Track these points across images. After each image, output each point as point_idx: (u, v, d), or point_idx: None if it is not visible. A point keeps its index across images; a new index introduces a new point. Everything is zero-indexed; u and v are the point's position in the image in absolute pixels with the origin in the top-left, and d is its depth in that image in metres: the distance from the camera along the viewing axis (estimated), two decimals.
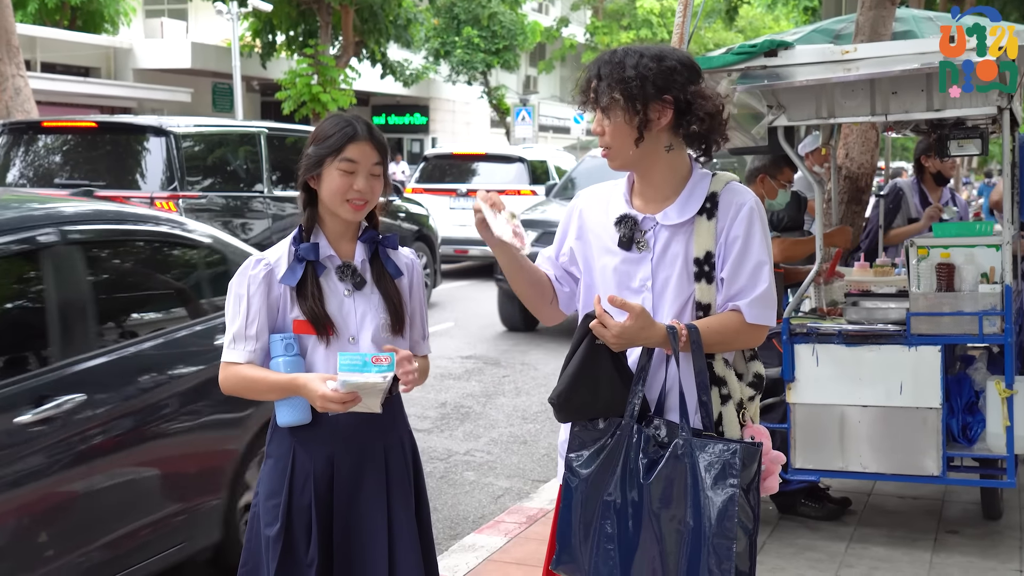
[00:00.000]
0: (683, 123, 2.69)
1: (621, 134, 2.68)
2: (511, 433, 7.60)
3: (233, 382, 2.92)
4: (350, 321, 2.91)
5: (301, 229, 2.95)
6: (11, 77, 15.46)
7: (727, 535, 2.50)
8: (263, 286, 2.89)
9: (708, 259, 2.68)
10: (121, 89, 26.11)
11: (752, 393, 2.80)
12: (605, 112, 2.68)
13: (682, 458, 2.56)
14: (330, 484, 2.91)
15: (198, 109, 27.88)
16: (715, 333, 2.66)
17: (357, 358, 2.70)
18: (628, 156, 2.70)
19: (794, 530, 5.22)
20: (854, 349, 4.87)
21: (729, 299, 2.69)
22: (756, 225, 2.70)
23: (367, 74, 29.79)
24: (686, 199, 2.71)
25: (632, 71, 2.64)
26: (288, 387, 2.82)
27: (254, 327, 2.88)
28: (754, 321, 2.67)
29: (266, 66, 28.10)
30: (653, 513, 2.57)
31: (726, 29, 37.88)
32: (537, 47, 39.90)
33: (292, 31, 27.63)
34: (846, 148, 7.40)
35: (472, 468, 6.74)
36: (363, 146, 2.88)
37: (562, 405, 2.71)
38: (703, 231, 2.69)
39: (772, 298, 2.69)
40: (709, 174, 2.76)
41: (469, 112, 40.86)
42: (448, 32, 33.23)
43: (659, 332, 2.62)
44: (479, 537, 5.13)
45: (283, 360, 2.86)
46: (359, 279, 2.93)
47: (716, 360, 2.71)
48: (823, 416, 4.91)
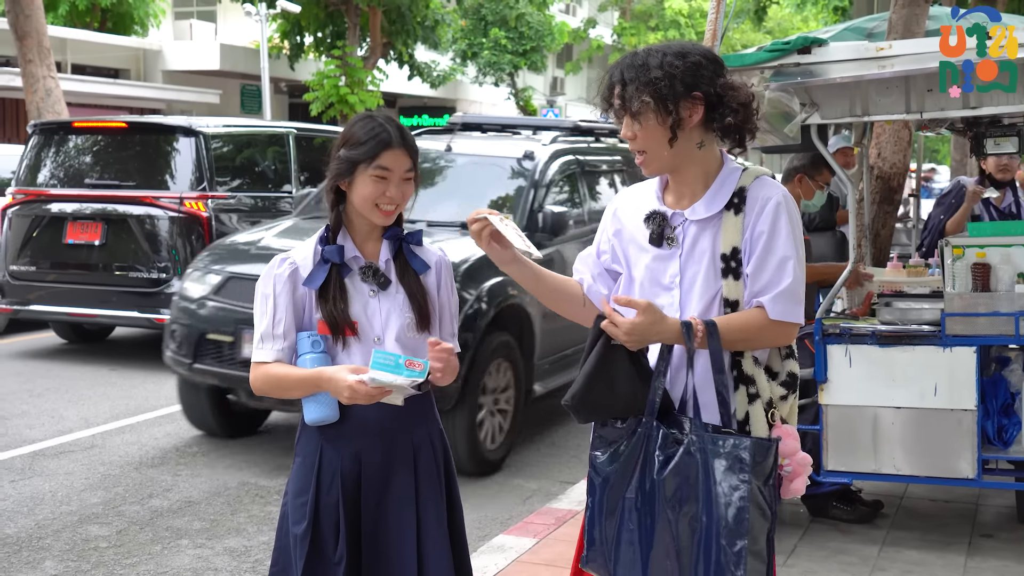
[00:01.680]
0: (715, 117, 2.65)
1: (654, 137, 2.64)
2: (539, 434, 7.56)
3: (262, 381, 2.90)
4: (375, 321, 2.90)
5: (328, 229, 2.93)
6: (42, 78, 15.61)
7: (739, 533, 2.47)
8: (288, 285, 2.88)
9: (735, 255, 2.63)
10: (150, 90, 26.27)
11: (783, 392, 2.73)
12: (635, 117, 2.62)
13: (694, 454, 2.54)
14: (358, 481, 2.89)
15: (226, 110, 28.01)
16: (736, 330, 2.60)
17: (391, 358, 2.69)
18: (663, 159, 2.66)
19: (826, 533, 5.16)
20: (887, 350, 4.81)
21: (754, 295, 2.63)
22: (783, 219, 2.63)
23: (394, 75, 29.83)
24: (714, 194, 2.67)
25: (659, 71, 2.60)
26: (314, 381, 2.80)
27: (281, 326, 2.87)
28: (778, 317, 2.60)
29: (294, 67, 28.20)
30: (667, 509, 2.56)
31: (755, 30, 37.71)
32: (564, 48, 39.86)
33: (320, 32, 27.72)
34: (878, 147, 7.32)
35: (500, 469, 6.70)
36: (397, 153, 2.86)
37: (577, 406, 2.68)
38: (730, 226, 2.64)
39: (798, 294, 2.61)
40: (739, 168, 2.72)
41: (496, 113, 40.85)
42: (475, 33, 33.25)
43: (672, 327, 2.58)
44: (508, 538, 5.10)
45: (310, 357, 2.85)
46: (383, 279, 2.91)
47: (745, 358, 2.66)
48: (856, 417, 4.86)
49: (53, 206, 9.64)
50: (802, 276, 2.64)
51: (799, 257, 2.64)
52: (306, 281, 2.87)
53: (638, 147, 2.66)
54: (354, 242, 2.93)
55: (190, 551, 5.16)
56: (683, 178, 2.71)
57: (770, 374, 2.72)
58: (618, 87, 2.64)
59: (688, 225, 2.67)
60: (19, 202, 9.85)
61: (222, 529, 5.18)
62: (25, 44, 15.40)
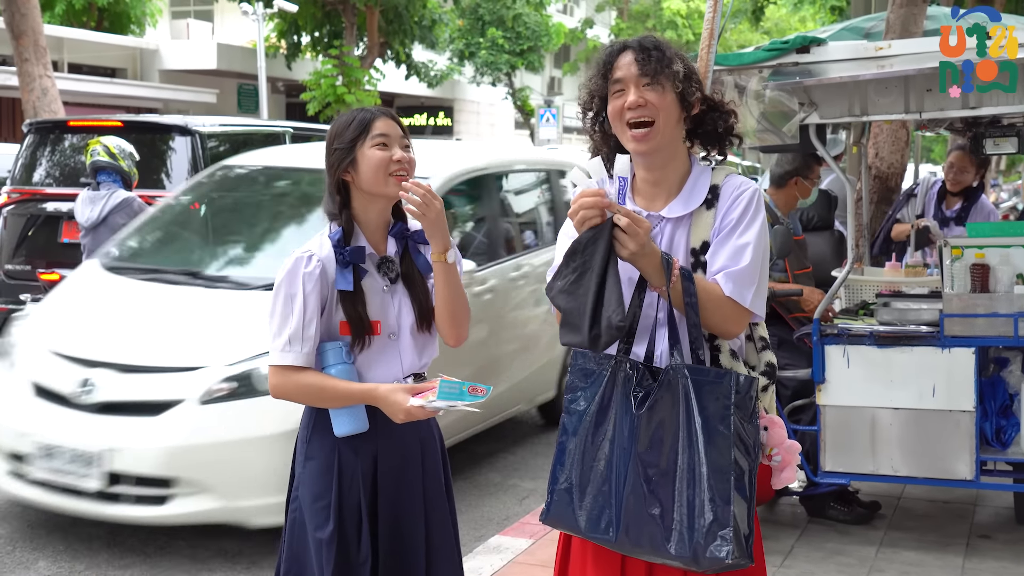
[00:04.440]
0: (709, 119, 2.66)
1: (668, 108, 2.57)
2: (536, 434, 7.54)
3: (292, 388, 2.85)
4: (390, 316, 2.90)
5: (342, 231, 2.90)
6: (38, 77, 15.54)
7: (725, 466, 2.38)
8: (318, 284, 2.84)
9: (704, 249, 2.60)
10: (147, 90, 26.20)
11: (765, 383, 2.72)
12: (654, 82, 2.55)
13: (674, 384, 2.43)
14: (374, 481, 2.89)
15: (224, 110, 27.94)
16: (703, 290, 2.51)
17: (456, 386, 2.68)
18: (666, 135, 2.59)
19: (823, 534, 5.14)
20: (886, 350, 4.79)
21: (711, 272, 2.57)
22: (751, 211, 2.58)
23: (392, 75, 29.78)
24: (691, 191, 2.63)
25: (671, 49, 2.62)
26: (366, 397, 2.80)
27: (312, 327, 2.83)
28: (730, 295, 2.51)
29: (291, 67, 28.13)
30: (646, 445, 2.43)
31: (752, 30, 37.70)
32: (562, 48, 39.83)
33: (317, 32, 27.64)
34: (876, 147, 7.31)
35: (496, 469, 6.69)
36: (386, 121, 2.88)
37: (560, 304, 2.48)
38: (702, 221, 2.60)
39: (752, 279, 2.53)
40: (709, 168, 2.69)
41: (494, 113, 40.81)
42: (473, 33, 33.19)
43: (656, 253, 2.47)
44: (504, 539, 5.08)
45: (338, 368, 2.83)
46: (395, 273, 2.92)
47: (723, 352, 2.61)
48: (854, 418, 4.83)
49: (48, 205, 9.59)
50: (760, 269, 2.56)
51: (761, 248, 2.57)
52: (338, 283, 2.84)
53: (648, 115, 2.55)
54: (367, 239, 2.92)
55: (185, 552, 5.14)
56: (663, 174, 2.64)
57: (749, 368, 2.69)
58: (634, 53, 2.58)
59: (665, 224, 2.62)
60: (14, 201, 9.81)
61: (217, 530, 5.15)
62: (21, 43, 15.33)
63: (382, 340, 2.88)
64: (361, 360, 2.88)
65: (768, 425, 2.63)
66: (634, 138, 2.59)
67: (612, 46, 2.69)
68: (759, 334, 2.76)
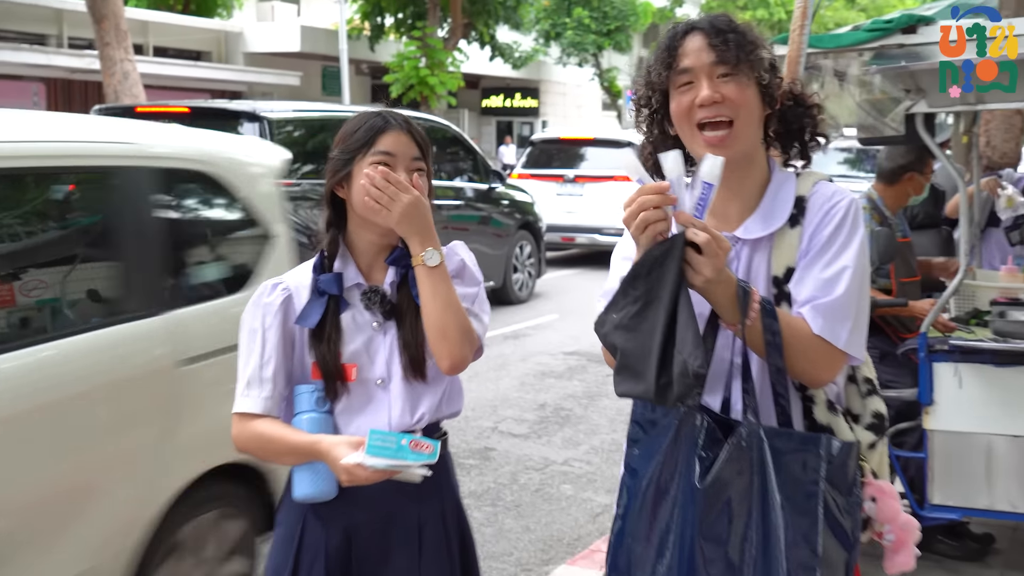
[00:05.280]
0: (792, 116, 2.21)
1: (750, 105, 2.12)
2: (613, 440, 7.10)
3: (247, 440, 2.41)
4: (378, 359, 2.40)
5: (323, 255, 2.45)
6: (119, 61, 15.48)
7: (809, 558, 1.88)
8: (280, 316, 2.40)
9: (789, 277, 2.11)
10: (231, 73, 26.20)
11: (872, 439, 2.20)
12: (734, 73, 2.10)
13: (747, 450, 1.93)
14: (347, 563, 2.40)
15: (308, 93, 27.88)
16: (786, 327, 2.03)
17: (391, 439, 2.17)
18: (748, 136, 2.14)
19: (929, 571, 4.62)
20: (1005, 369, 4.25)
21: (797, 304, 2.09)
22: (847, 226, 2.10)
23: (476, 56, 29.47)
24: (771, 205, 2.15)
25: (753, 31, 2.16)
26: (309, 451, 2.31)
27: (270, 367, 2.38)
28: (821, 333, 2.03)
29: (375, 49, 27.97)
30: (710, 532, 1.92)
31: (847, 8, 36.54)
32: (650, 28, 39.08)
33: (401, 13, 27.47)
34: (987, 135, 6.71)
35: (570, 480, 6.27)
36: (398, 136, 2.39)
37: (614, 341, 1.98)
38: (785, 243, 2.12)
39: (849, 312, 2.05)
40: (792, 174, 2.22)
41: (580, 95, 40.30)
42: (558, 13, 32.72)
43: (731, 281, 1.98)
44: (572, 570, 4.66)
45: (309, 417, 2.36)
46: (389, 306, 2.41)
47: (817, 403, 2.12)
48: (966, 446, 4.30)
49: None
50: (859, 300, 2.08)
51: (860, 274, 2.09)
52: (299, 318, 2.39)
53: (726, 113, 2.10)
54: (358, 267, 2.45)
55: None
56: (738, 186, 2.16)
57: (851, 418, 2.20)
58: (705, 36, 2.12)
59: (741, 247, 2.15)
60: None
61: None
62: (103, 27, 15.27)
63: (366, 387, 2.39)
64: (341, 410, 2.40)
65: (876, 495, 2.13)
66: (708, 142, 2.11)
67: (676, 28, 2.19)
68: (864, 375, 2.26)
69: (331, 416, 2.38)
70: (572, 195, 16.19)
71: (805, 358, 2.05)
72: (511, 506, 5.73)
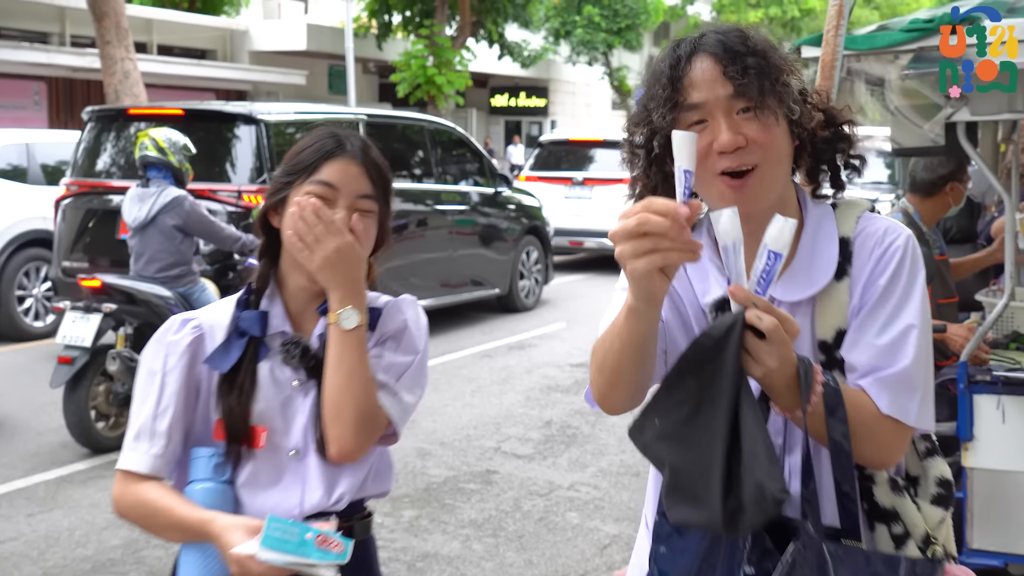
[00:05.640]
0: (826, 143, 1.83)
1: (779, 145, 1.75)
2: (622, 461, 6.74)
3: (128, 504, 2.00)
4: (295, 426, 2.01)
5: (250, 289, 2.08)
6: (120, 60, 15.17)
7: None
8: (185, 359, 2.01)
9: (839, 341, 1.75)
10: (236, 72, 25.89)
11: (941, 515, 1.82)
12: (759, 106, 1.72)
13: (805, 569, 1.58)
14: None
15: (314, 92, 27.58)
16: (850, 407, 1.67)
17: (293, 532, 1.78)
18: (777, 180, 1.77)
19: None
20: None
21: (855, 374, 1.74)
22: (905, 272, 1.75)
23: (485, 55, 29.15)
24: (809, 257, 1.78)
25: (776, 51, 1.77)
26: (199, 530, 1.90)
27: (166, 419, 1.99)
28: (891, 412, 1.69)
29: (382, 47, 27.66)
30: None
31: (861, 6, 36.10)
32: (661, 26, 38.73)
33: (408, 11, 27.16)
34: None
35: (576, 507, 5.90)
36: (347, 166, 2.01)
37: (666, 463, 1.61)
38: (833, 300, 1.76)
39: (917, 380, 1.71)
40: (829, 209, 1.84)
41: (590, 94, 39.93)
42: (568, 11, 32.37)
43: (792, 363, 1.60)
44: None
45: (204, 487, 1.96)
46: (313, 362, 2.01)
47: (878, 484, 1.76)
48: (1009, 486, 3.94)
49: (108, 198, 9.05)
50: (928, 361, 1.74)
51: (925, 329, 1.74)
52: (209, 358, 2.01)
53: (751, 160, 1.73)
54: (286, 310, 2.06)
55: None
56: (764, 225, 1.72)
57: (913, 489, 1.83)
58: (716, 61, 1.73)
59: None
60: (73, 194, 9.30)
61: None
62: (103, 24, 14.98)
63: (277, 457, 2.00)
64: (245, 482, 2.00)
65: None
66: (731, 188, 1.73)
67: (678, 50, 1.78)
68: None
69: (232, 488, 1.99)
70: (581, 198, 15.85)
71: (871, 441, 1.69)
72: (513, 537, 5.37)
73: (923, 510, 1.81)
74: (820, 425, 1.65)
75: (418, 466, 6.52)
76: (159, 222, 6.87)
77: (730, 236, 1.54)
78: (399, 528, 5.47)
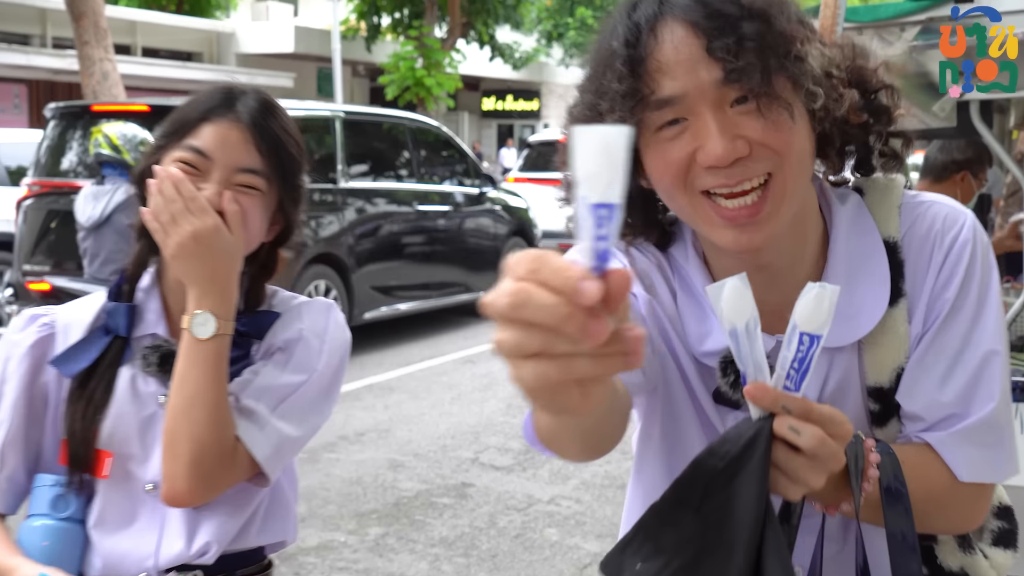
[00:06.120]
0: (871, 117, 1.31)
1: (798, 142, 1.23)
2: (607, 473, 6.35)
3: None
4: (155, 454, 1.61)
5: (123, 277, 1.68)
6: (99, 61, 14.80)
7: None
8: (28, 362, 1.63)
9: (895, 385, 1.32)
10: (222, 74, 25.47)
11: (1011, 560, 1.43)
12: (765, 105, 1.20)
13: None
14: None
15: (302, 94, 27.24)
16: (915, 479, 1.24)
17: None
18: (799, 192, 1.26)
19: None
20: None
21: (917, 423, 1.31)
22: (976, 277, 1.29)
23: (476, 57, 28.86)
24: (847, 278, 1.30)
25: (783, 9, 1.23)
26: None
27: (0, 434, 1.62)
28: (972, 478, 1.27)
29: (371, 49, 27.35)
30: None
31: None
32: None
33: (397, 13, 26.87)
34: None
35: (556, 523, 5.51)
36: (230, 130, 1.60)
37: None
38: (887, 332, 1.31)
39: (1004, 424, 1.28)
40: (857, 200, 1.37)
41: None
42: (561, 13, 32.18)
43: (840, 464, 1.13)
44: None
45: (40, 526, 1.58)
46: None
47: (941, 541, 1.37)
48: None
49: (72, 199, 8.66)
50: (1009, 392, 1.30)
51: (1007, 352, 1.31)
52: (56, 359, 1.62)
53: (757, 169, 1.22)
54: (164, 305, 1.67)
55: None
56: (789, 258, 1.32)
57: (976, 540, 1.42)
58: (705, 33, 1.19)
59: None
60: (35, 194, 8.91)
61: None
62: (81, 24, 14.62)
63: (130, 492, 1.61)
64: (98, 519, 1.61)
65: None
66: (730, 223, 1.24)
67: (633, 11, 1.24)
68: None
69: (79, 527, 1.60)
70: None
71: (943, 515, 1.30)
72: (487, 556, 4.98)
73: (991, 558, 1.41)
74: (876, 514, 1.23)
75: (389, 479, 6.13)
76: (114, 221, 6.48)
77: (740, 317, 1.07)
78: (363, 547, 5.08)
